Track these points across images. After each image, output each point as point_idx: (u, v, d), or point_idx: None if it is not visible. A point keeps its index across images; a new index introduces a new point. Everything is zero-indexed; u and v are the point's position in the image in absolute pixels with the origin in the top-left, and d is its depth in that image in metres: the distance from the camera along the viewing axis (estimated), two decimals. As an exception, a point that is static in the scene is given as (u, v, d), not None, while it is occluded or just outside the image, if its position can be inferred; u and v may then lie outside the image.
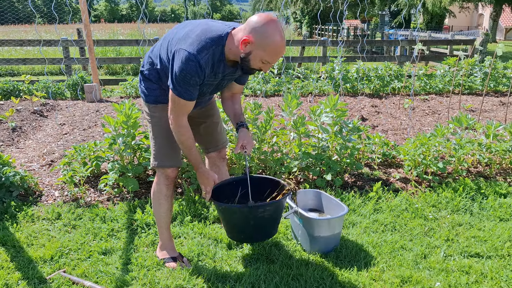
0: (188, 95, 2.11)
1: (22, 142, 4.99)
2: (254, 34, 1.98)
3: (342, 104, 3.63)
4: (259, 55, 2.02)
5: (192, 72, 2.01)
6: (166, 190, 2.47)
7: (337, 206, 2.76)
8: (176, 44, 2.09)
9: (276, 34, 1.98)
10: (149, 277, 2.38)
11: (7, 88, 7.42)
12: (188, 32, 2.11)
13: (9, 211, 3.08)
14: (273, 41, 1.98)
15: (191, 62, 1.99)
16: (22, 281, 2.37)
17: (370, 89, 7.97)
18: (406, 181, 3.68)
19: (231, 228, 2.48)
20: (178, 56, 2.03)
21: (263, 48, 2.00)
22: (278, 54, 2.04)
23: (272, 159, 3.52)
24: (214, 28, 2.10)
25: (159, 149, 2.40)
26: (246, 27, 2.02)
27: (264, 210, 2.32)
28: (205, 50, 2.03)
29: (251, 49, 2.01)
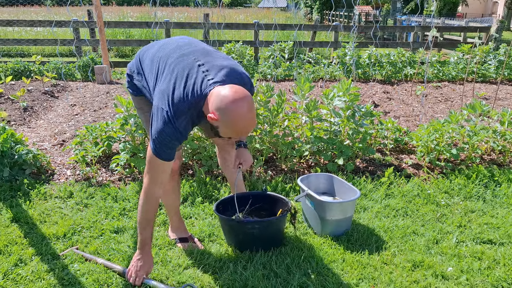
0: (166, 156, 2.00)
1: (34, 122, 5.01)
2: (219, 113, 1.84)
3: (355, 89, 3.59)
4: (224, 131, 1.93)
5: (171, 136, 1.93)
6: (171, 181, 2.38)
7: (349, 190, 2.74)
8: (158, 96, 1.97)
9: (241, 116, 1.85)
10: (160, 256, 2.39)
11: (18, 69, 7.44)
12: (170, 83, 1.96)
13: (22, 189, 3.11)
14: (238, 124, 1.87)
15: (170, 125, 1.90)
16: (36, 257, 2.39)
17: (382, 75, 7.87)
18: (418, 167, 3.65)
19: (225, 233, 2.53)
20: (157, 114, 1.94)
21: (228, 128, 1.90)
22: (244, 131, 1.93)
23: (283, 142, 3.50)
24: (196, 86, 1.93)
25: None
26: (212, 101, 1.86)
27: (252, 227, 2.36)
28: (182, 115, 1.92)
29: (217, 124, 1.90)
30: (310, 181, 2.92)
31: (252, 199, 2.58)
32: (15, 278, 2.22)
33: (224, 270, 2.28)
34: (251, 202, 2.55)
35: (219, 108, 1.84)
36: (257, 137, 3.57)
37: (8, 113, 5.10)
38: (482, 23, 13.50)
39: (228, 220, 2.41)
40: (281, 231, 2.53)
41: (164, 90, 1.96)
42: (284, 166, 3.58)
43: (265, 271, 2.25)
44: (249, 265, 2.30)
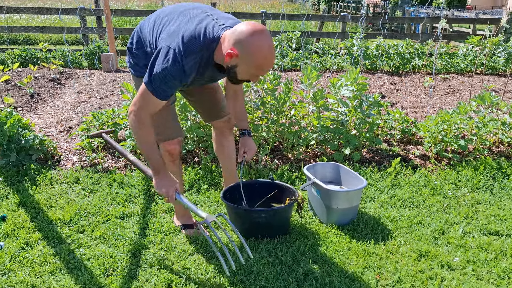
0: (163, 95, 1.94)
1: (40, 108, 5.02)
2: (239, 47, 1.81)
3: (363, 78, 3.55)
4: (245, 69, 1.88)
5: (174, 75, 1.88)
6: (172, 166, 2.38)
7: (356, 179, 2.73)
8: (165, 38, 1.93)
9: (261, 48, 1.82)
10: (166, 241, 2.40)
11: (25, 56, 7.45)
12: (180, 26, 1.95)
13: (28, 174, 3.12)
14: (259, 56, 1.83)
15: (176, 64, 1.85)
16: (42, 241, 2.41)
17: (389, 66, 7.80)
18: (426, 158, 3.62)
19: (236, 223, 2.49)
20: (163, 53, 1.88)
21: (249, 63, 1.85)
22: (265, 68, 1.91)
23: (290, 131, 3.48)
24: (208, 28, 1.92)
25: (157, 123, 2.22)
26: (230, 37, 1.84)
27: (259, 216, 2.36)
28: (193, 55, 1.88)
29: (236, 62, 1.87)
30: (316, 170, 2.90)
31: (259, 187, 2.58)
32: (22, 261, 2.23)
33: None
34: (259, 191, 2.54)
35: (239, 41, 1.80)
36: (264, 125, 3.55)
37: (15, 100, 5.11)
38: (492, 15, 13.33)
39: (235, 208, 2.41)
40: (287, 220, 2.52)
41: (174, 31, 1.92)
42: (290, 155, 3.56)
43: (270, 258, 2.25)
44: (254, 252, 2.29)
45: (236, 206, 2.41)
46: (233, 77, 1.96)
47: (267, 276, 2.12)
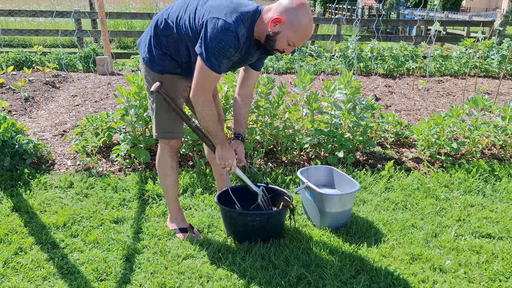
0: (221, 68, 2.04)
1: (35, 112, 5.01)
2: (286, 15, 1.97)
3: (356, 81, 3.57)
4: (287, 36, 2.01)
5: (230, 43, 1.97)
6: (171, 161, 2.44)
7: (349, 182, 2.74)
8: (209, 12, 2.01)
9: (306, 18, 1.99)
10: (160, 246, 2.40)
11: (20, 59, 7.43)
12: (222, 1, 2.05)
13: (22, 178, 3.11)
14: (304, 24, 1.99)
15: (230, 33, 1.95)
16: (36, 246, 2.41)
17: (384, 69, 7.85)
18: (419, 161, 3.65)
19: (226, 226, 2.52)
20: (213, 25, 1.96)
21: (293, 30, 1.99)
22: (305, 37, 2.04)
23: (284, 134, 3.50)
24: (247, 3, 2.08)
25: (163, 119, 2.35)
26: (277, 7, 2.01)
27: (253, 219, 2.36)
28: (242, 23, 1.99)
29: (280, 29, 2.00)
30: (310, 174, 2.92)
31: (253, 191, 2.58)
32: (15, 266, 2.23)
33: (223, 261, 2.29)
34: (254, 195, 2.53)
35: (288, 9, 1.97)
36: (258, 129, 3.57)
37: (10, 103, 5.10)
38: (486, 17, 13.42)
39: (229, 212, 2.41)
40: (281, 224, 2.54)
41: (218, 4, 2.02)
42: (284, 158, 3.58)
43: (264, 262, 2.26)
44: (247, 256, 2.30)
45: (230, 210, 2.42)
46: (271, 45, 2.06)
47: (261, 280, 2.13)
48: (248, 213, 2.42)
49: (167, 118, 2.35)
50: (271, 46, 2.08)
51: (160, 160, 2.46)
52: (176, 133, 2.39)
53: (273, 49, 2.10)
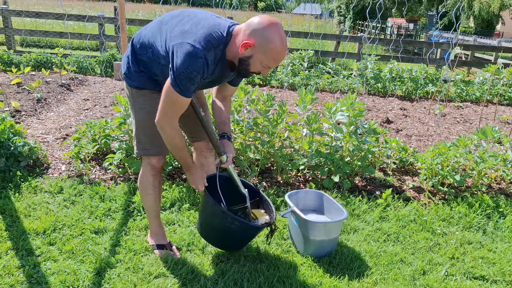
0: (189, 93, 1.98)
1: (44, 113, 5.08)
2: (256, 37, 1.91)
3: (360, 104, 3.47)
4: (260, 59, 1.96)
5: (198, 70, 1.91)
6: (152, 180, 2.36)
7: (338, 210, 2.64)
8: (179, 36, 1.95)
9: (277, 38, 1.92)
10: (134, 261, 2.35)
11: (41, 60, 7.61)
12: (193, 25, 1.99)
13: (14, 180, 3.13)
14: (275, 46, 1.92)
15: (199, 59, 1.89)
16: (11, 251, 2.39)
17: (402, 91, 7.67)
18: (420, 191, 3.50)
19: (200, 219, 2.40)
20: (183, 50, 1.89)
21: (264, 52, 1.93)
22: (278, 58, 1.98)
23: (280, 154, 3.41)
24: (219, 25, 2.01)
25: (143, 136, 2.28)
26: (247, 28, 1.94)
27: (232, 222, 2.20)
28: (212, 48, 1.94)
29: (252, 53, 1.94)
30: (298, 198, 2.82)
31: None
32: (-14, 271, 2.21)
33: (194, 283, 2.21)
34: (239, 192, 2.42)
35: (256, 31, 1.91)
36: (253, 146, 3.50)
37: (22, 103, 5.19)
38: (516, 44, 13.02)
39: (213, 205, 2.21)
40: (251, 239, 2.45)
41: (188, 29, 1.97)
42: (280, 178, 3.49)
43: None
44: (220, 280, 2.22)
45: (215, 203, 2.21)
46: (245, 69, 2.02)
47: (228, 308, 2.04)
48: (231, 215, 2.20)
49: (144, 135, 2.28)
50: (246, 70, 2.03)
51: (141, 178, 2.40)
52: (153, 150, 2.29)
53: (248, 73, 2.05)
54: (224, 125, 2.40)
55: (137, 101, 2.26)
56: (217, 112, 2.41)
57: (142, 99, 2.23)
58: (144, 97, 2.22)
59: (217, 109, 2.41)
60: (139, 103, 2.25)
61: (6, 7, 8.67)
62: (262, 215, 2.45)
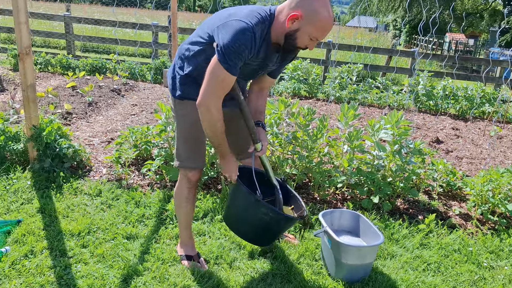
0: (235, 70, 1.94)
1: (94, 116, 5.27)
2: (303, 9, 1.89)
3: (406, 122, 3.31)
4: (308, 31, 1.93)
5: (246, 43, 1.89)
6: (187, 192, 2.36)
7: (374, 233, 2.50)
8: (224, 19, 1.96)
9: (324, 8, 1.90)
10: (161, 270, 2.34)
11: (96, 65, 7.94)
12: (236, 9, 2.02)
13: (57, 181, 3.23)
14: (323, 16, 1.90)
15: (247, 32, 1.87)
16: (46, 251, 2.45)
17: (455, 109, 7.31)
18: (467, 219, 3.27)
19: (231, 206, 2.34)
20: (230, 26, 1.89)
21: (313, 23, 1.90)
22: (327, 29, 1.94)
23: (318, 170, 3.31)
24: (262, 7, 2.04)
25: (183, 148, 2.29)
26: (291, 2, 1.93)
27: (265, 213, 2.12)
28: (259, 24, 1.94)
29: (299, 25, 1.92)
30: (333, 217, 2.72)
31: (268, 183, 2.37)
32: (20, 269, 2.28)
33: (218, 298, 2.17)
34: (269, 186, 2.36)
35: (303, 1, 1.89)
36: (290, 160, 3.42)
37: (74, 106, 5.42)
38: None
39: (246, 193, 2.14)
40: (282, 232, 2.42)
41: (232, 13, 1.99)
42: (316, 194, 3.39)
43: (260, 308, 2.11)
44: (244, 298, 2.16)
45: (248, 191, 2.13)
46: (292, 44, 1.98)
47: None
48: (266, 204, 2.13)
49: (183, 147, 2.29)
50: (293, 45, 1.99)
51: (177, 189, 2.41)
52: (191, 163, 2.29)
53: (295, 48, 2.02)
54: (260, 114, 2.37)
55: (179, 112, 2.26)
56: (253, 101, 2.37)
57: (184, 110, 2.22)
58: (186, 108, 2.21)
59: (253, 99, 2.38)
60: (181, 114, 2.26)
61: (68, 14, 9.15)
62: (289, 212, 2.38)
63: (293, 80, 7.75)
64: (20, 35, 3.11)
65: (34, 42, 12.80)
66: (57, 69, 7.99)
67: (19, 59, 3.16)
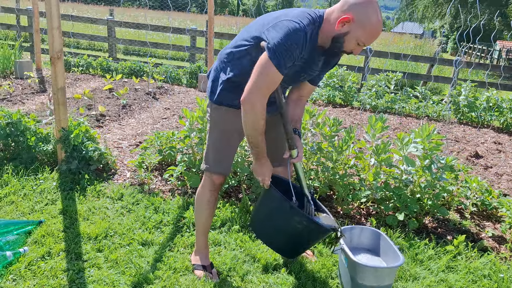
0: (284, 69, 1.92)
1: (126, 119, 5.37)
2: (355, 12, 1.88)
3: (439, 137, 3.15)
4: (357, 35, 1.92)
5: (298, 42, 1.88)
6: (209, 195, 2.36)
7: (394, 254, 2.37)
8: (273, 20, 1.96)
9: (376, 14, 1.90)
10: (171, 280, 2.32)
11: (134, 68, 8.13)
12: (285, 13, 2.01)
13: (81, 183, 3.30)
14: (374, 21, 1.89)
15: (299, 32, 1.88)
16: (63, 253, 2.49)
17: (500, 122, 6.93)
18: (502, 241, 3.06)
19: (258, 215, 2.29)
20: (282, 26, 1.90)
21: (363, 28, 1.90)
22: (375, 35, 1.94)
23: (341, 183, 3.20)
24: (311, 10, 2.04)
25: (212, 152, 2.30)
26: (342, 6, 1.92)
27: (300, 221, 2.05)
28: (310, 24, 1.94)
29: (349, 28, 1.91)
30: (353, 234, 2.60)
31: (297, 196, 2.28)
32: (35, 270, 2.32)
33: (226, 312, 2.11)
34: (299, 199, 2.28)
35: (355, 5, 1.88)
36: (313, 172, 3.32)
37: (108, 108, 5.55)
38: None
39: (280, 199, 2.07)
40: (313, 244, 2.36)
41: (281, 14, 1.99)
42: (340, 208, 3.27)
43: (267, 326, 2.03)
44: (252, 315, 2.10)
45: (283, 198, 2.06)
46: (338, 47, 1.98)
47: None
48: (301, 212, 2.07)
49: (213, 152, 2.29)
50: (339, 48, 1.98)
51: (199, 191, 2.41)
52: (217, 168, 2.29)
53: (340, 51, 2.02)
54: (296, 122, 2.32)
55: (213, 117, 2.25)
56: (291, 109, 2.31)
57: (219, 117, 2.22)
58: (221, 115, 2.21)
59: (291, 107, 2.32)
60: (215, 120, 2.25)
61: (111, 18, 9.44)
62: None
63: (328, 87, 7.62)
64: (52, 40, 3.20)
65: (80, 45, 13.33)
66: (98, 71, 8.24)
67: (51, 63, 3.26)
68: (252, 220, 2.40)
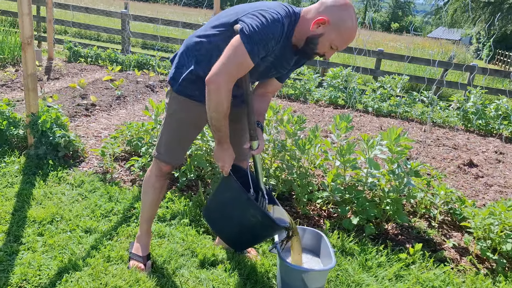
0: (256, 56, 1.86)
1: (117, 110, 5.41)
2: (331, 15, 1.87)
3: (407, 140, 3.01)
4: (331, 38, 1.90)
5: (275, 33, 1.84)
6: (155, 180, 2.32)
7: (328, 257, 2.28)
8: (255, 8, 1.90)
9: (351, 19, 1.89)
10: (99, 268, 2.29)
11: (141, 61, 8.22)
12: (261, 4, 1.95)
13: (44, 168, 3.33)
14: (349, 26, 1.88)
15: (277, 23, 1.84)
16: (3, 235, 2.51)
17: (508, 132, 6.62)
18: (464, 253, 2.90)
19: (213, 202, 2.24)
20: (260, 15, 1.84)
21: (338, 31, 1.88)
22: (349, 40, 1.93)
23: (299, 183, 3.11)
24: (287, 5, 2.00)
25: (165, 141, 2.24)
26: (319, 7, 1.90)
27: (254, 215, 1.99)
28: (288, 17, 1.91)
29: (323, 30, 1.89)
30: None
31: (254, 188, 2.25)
32: (-32, 249, 2.34)
33: (142, 305, 2.08)
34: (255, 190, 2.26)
35: (331, 8, 1.87)
36: (272, 170, 3.24)
37: (101, 99, 5.61)
38: None
39: (238, 191, 2.00)
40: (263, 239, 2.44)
41: (261, 4, 1.95)
42: (299, 209, 3.18)
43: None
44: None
45: (241, 189, 1.99)
46: (312, 48, 1.95)
47: None
48: (257, 205, 2.00)
49: (165, 140, 2.24)
50: (312, 50, 1.95)
51: (146, 175, 2.38)
52: (167, 158, 2.25)
53: (313, 53, 1.97)
54: (260, 115, 2.27)
55: (171, 106, 2.20)
56: (256, 103, 2.25)
57: (176, 106, 2.17)
58: (179, 104, 2.15)
59: (257, 101, 2.26)
60: (173, 108, 2.20)
61: (126, 11, 9.56)
62: None
63: (331, 88, 7.48)
64: (22, 26, 3.24)
65: (100, 37, 13.60)
66: (106, 63, 8.37)
67: (22, 49, 3.30)
68: (206, 207, 2.34)
